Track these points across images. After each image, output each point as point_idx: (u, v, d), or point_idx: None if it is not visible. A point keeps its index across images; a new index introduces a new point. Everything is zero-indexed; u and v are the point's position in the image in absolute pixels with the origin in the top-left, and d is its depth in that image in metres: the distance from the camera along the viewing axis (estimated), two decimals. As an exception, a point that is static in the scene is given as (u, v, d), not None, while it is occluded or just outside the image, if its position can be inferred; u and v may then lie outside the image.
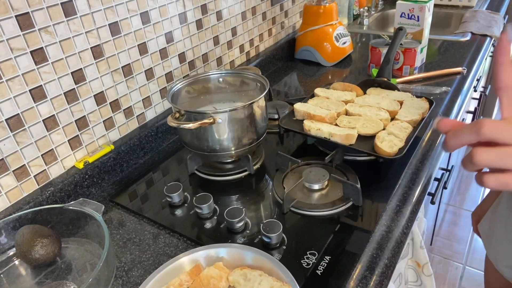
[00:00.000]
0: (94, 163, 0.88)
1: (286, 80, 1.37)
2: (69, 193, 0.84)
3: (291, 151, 0.98)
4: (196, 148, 0.87)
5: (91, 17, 0.83)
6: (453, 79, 1.23)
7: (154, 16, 0.97)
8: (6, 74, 0.72)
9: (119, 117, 0.96)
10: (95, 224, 0.70)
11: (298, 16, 1.61)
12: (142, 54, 0.97)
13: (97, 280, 0.60)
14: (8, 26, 0.70)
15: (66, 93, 0.83)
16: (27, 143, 0.78)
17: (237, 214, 0.74)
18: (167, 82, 1.07)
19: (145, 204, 0.84)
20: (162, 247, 0.74)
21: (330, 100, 1.02)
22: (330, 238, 0.71)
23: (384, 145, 0.83)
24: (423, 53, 1.34)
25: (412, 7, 1.27)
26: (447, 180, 1.12)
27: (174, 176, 0.93)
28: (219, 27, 1.20)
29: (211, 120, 0.79)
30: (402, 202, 0.78)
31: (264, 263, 0.61)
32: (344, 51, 1.44)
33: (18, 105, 0.75)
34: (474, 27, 1.55)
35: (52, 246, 0.69)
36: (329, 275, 0.64)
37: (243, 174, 0.91)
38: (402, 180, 0.83)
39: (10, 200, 0.78)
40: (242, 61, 1.35)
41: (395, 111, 0.95)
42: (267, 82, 0.88)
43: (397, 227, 0.73)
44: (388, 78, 1.11)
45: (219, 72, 0.97)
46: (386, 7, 2.01)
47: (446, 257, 1.87)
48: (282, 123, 0.97)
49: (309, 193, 0.82)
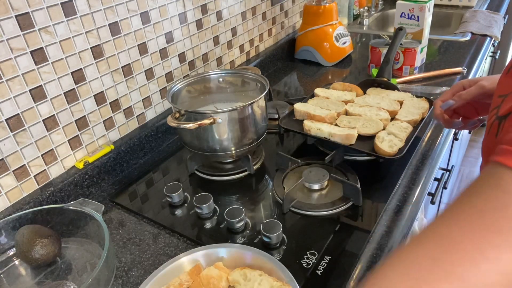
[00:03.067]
0: (94, 163, 0.88)
1: (286, 80, 1.37)
2: (69, 193, 0.84)
3: (291, 151, 0.98)
4: (196, 148, 0.87)
5: (91, 17, 0.83)
6: (453, 79, 1.23)
7: (154, 16, 0.97)
8: (6, 74, 0.72)
9: (119, 117, 0.96)
10: (95, 224, 0.70)
11: (298, 16, 1.61)
12: (142, 54, 0.97)
13: (97, 280, 0.60)
14: (8, 26, 0.70)
15: (66, 93, 0.83)
16: (27, 143, 0.78)
17: (237, 214, 0.74)
18: (167, 82, 1.07)
19: (145, 204, 0.84)
20: (162, 247, 0.74)
21: (330, 100, 1.02)
22: (330, 238, 0.71)
23: (384, 145, 0.83)
24: (423, 53, 1.34)
25: (412, 7, 1.27)
26: (447, 180, 1.12)
27: (174, 176, 0.93)
28: (219, 27, 1.19)
29: (211, 120, 0.79)
30: (402, 202, 0.78)
31: (264, 263, 0.61)
32: (344, 51, 1.44)
33: (18, 105, 0.75)
34: (474, 27, 1.55)
35: (52, 246, 0.69)
36: (329, 275, 0.64)
37: (243, 174, 0.91)
38: (402, 180, 0.83)
39: (10, 200, 0.78)
40: (242, 61, 1.35)
41: (395, 111, 0.95)
42: (267, 82, 0.88)
43: (397, 227, 0.73)
44: (388, 78, 1.11)
45: (219, 72, 0.97)
46: (386, 7, 2.01)
47: (446, 257, 1.87)
48: (282, 123, 0.96)
49: (309, 193, 0.82)
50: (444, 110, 0.71)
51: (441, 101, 0.72)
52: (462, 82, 0.71)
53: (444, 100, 0.72)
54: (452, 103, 0.69)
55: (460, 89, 0.71)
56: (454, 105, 0.69)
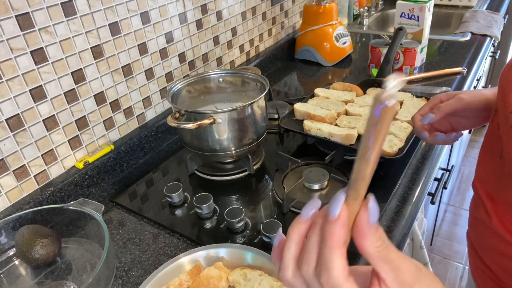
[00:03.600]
0: (94, 163, 0.88)
1: (286, 80, 1.37)
2: (69, 193, 0.84)
3: (291, 151, 0.98)
4: (196, 148, 0.87)
5: (91, 17, 0.83)
6: (453, 79, 1.23)
7: (154, 16, 0.97)
8: (6, 74, 0.72)
9: (119, 117, 0.96)
10: (95, 224, 0.70)
11: (298, 16, 1.61)
12: (142, 54, 0.97)
13: (97, 280, 0.60)
14: (8, 26, 0.70)
15: (66, 93, 0.83)
16: (27, 143, 0.78)
17: (237, 214, 0.74)
18: (167, 82, 1.07)
19: (145, 204, 0.84)
20: (162, 247, 0.74)
21: (330, 100, 1.02)
22: (330, 238, 0.71)
23: (384, 145, 0.83)
24: (423, 53, 1.34)
25: (412, 7, 1.27)
26: (447, 180, 1.12)
27: (174, 176, 0.93)
28: (219, 27, 1.19)
29: (211, 120, 0.79)
30: (402, 202, 0.78)
31: (264, 263, 0.61)
32: (344, 51, 1.44)
33: (18, 105, 0.75)
34: (474, 27, 1.55)
35: (52, 246, 0.69)
36: (329, 275, 0.64)
37: (243, 174, 0.91)
38: (402, 180, 0.83)
39: (10, 200, 0.78)
40: (242, 61, 1.35)
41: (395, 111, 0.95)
42: (267, 82, 0.88)
43: (397, 227, 0.73)
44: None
45: (219, 72, 0.97)
46: (386, 7, 2.01)
47: (446, 257, 1.87)
48: (282, 123, 0.97)
49: (309, 193, 0.82)
50: (425, 124, 0.70)
51: (419, 115, 0.70)
52: (439, 96, 0.70)
53: (422, 114, 0.70)
54: (432, 117, 0.68)
55: (438, 102, 0.69)
56: (434, 118, 0.68)
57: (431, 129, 0.71)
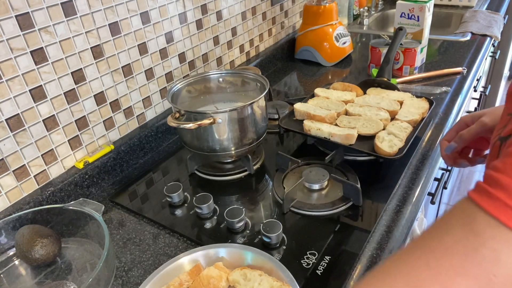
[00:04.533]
0: (94, 163, 0.88)
1: (286, 80, 1.37)
2: (69, 193, 0.84)
3: (291, 151, 0.98)
4: (196, 148, 0.87)
5: (91, 17, 0.83)
6: (453, 79, 1.23)
7: (154, 16, 0.97)
8: (6, 74, 0.72)
9: (119, 117, 0.96)
10: (95, 224, 0.70)
11: (298, 16, 1.61)
12: (142, 54, 0.97)
13: (97, 280, 0.60)
14: (8, 26, 0.70)
15: (66, 93, 0.83)
16: (27, 143, 0.78)
17: (237, 214, 0.74)
18: (167, 82, 1.07)
19: (145, 204, 0.84)
20: (162, 247, 0.74)
21: (330, 100, 1.02)
22: (330, 238, 0.71)
23: (384, 145, 0.83)
24: (423, 53, 1.34)
25: (412, 7, 1.27)
26: (447, 180, 1.12)
27: (174, 176, 0.93)
28: (219, 27, 1.19)
29: (211, 120, 0.79)
30: (402, 202, 0.78)
31: (264, 263, 0.61)
32: (344, 51, 1.44)
33: (18, 105, 0.75)
34: (474, 27, 1.55)
35: (52, 246, 0.69)
36: (329, 275, 0.64)
37: (243, 174, 0.91)
38: (402, 180, 0.83)
39: (10, 200, 0.78)
40: (242, 61, 1.35)
41: (395, 111, 0.95)
42: (267, 82, 0.88)
43: (397, 227, 0.73)
44: (388, 78, 1.11)
45: (219, 72, 0.97)
46: (386, 7, 2.01)
47: (446, 257, 1.86)
48: (282, 123, 0.97)
49: (309, 193, 0.82)
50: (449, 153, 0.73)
51: (446, 141, 0.73)
52: (465, 119, 0.72)
53: (448, 139, 0.73)
54: (454, 146, 0.71)
55: (463, 126, 0.71)
56: (457, 147, 0.71)
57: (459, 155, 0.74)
